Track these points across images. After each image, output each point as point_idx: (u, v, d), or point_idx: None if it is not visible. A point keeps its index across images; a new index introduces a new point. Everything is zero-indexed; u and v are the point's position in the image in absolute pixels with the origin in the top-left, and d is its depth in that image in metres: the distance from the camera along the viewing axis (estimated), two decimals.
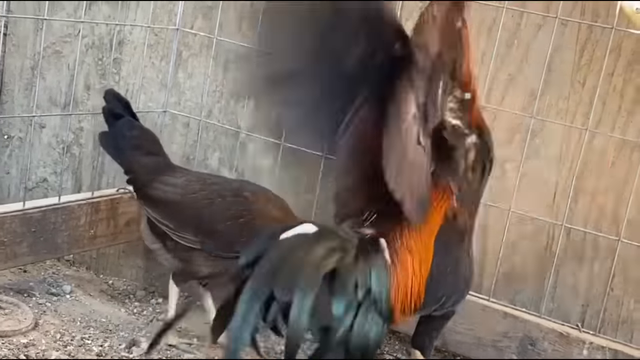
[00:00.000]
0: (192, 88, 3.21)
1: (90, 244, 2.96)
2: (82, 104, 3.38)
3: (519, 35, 2.71)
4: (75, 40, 3.32)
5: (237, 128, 3.11)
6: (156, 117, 3.24)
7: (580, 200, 2.69)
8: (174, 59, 3.19)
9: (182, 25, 3.16)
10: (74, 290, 3.09)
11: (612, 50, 2.55)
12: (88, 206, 2.91)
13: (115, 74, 3.31)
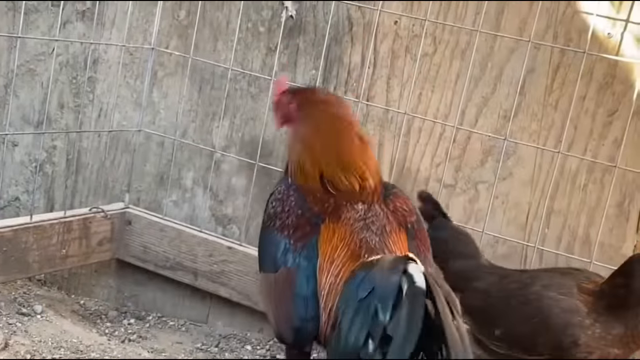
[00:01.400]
0: (167, 107, 3.21)
1: (62, 263, 2.94)
2: (56, 122, 3.36)
3: (493, 58, 2.74)
4: (50, 59, 3.30)
5: (212, 148, 3.11)
6: (130, 136, 3.23)
7: (553, 222, 2.71)
8: (148, 78, 3.18)
9: (157, 44, 3.16)
10: (45, 311, 3.05)
11: (584, 74, 2.58)
12: (60, 225, 2.89)
13: (90, 93, 3.30)
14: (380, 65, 2.89)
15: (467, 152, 2.80)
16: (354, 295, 1.81)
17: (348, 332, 1.77)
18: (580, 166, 2.67)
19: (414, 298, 1.72)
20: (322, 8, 2.95)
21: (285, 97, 2.30)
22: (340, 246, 2.05)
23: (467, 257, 2.46)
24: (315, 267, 2.02)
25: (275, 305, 2.09)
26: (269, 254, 2.11)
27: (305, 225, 2.10)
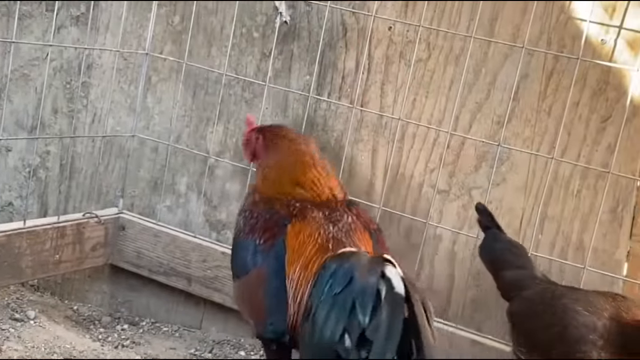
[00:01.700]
0: (161, 112, 3.21)
1: (55, 268, 2.93)
2: (49, 127, 3.36)
3: (486, 64, 2.75)
4: (43, 64, 3.30)
5: (206, 153, 3.11)
6: (124, 142, 3.23)
7: (546, 228, 2.71)
8: (142, 83, 3.18)
9: (151, 50, 3.16)
10: (38, 316, 3.05)
11: (577, 80, 2.59)
12: (53, 230, 2.88)
13: (84, 98, 3.29)
14: (374, 71, 2.89)
15: (461, 158, 2.80)
16: (328, 288, 1.88)
17: (324, 325, 1.83)
18: (574, 172, 2.67)
19: (393, 305, 1.79)
20: (317, 14, 2.95)
21: (253, 134, 2.50)
22: (307, 241, 2.16)
23: (520, 267, 2.47)
24: (283, 265, 2.13)
25: (250, 305, 2.21)
26: (240, 259, 2.25)
27: (272, 227, 2.23)
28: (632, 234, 2.63)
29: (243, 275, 2.23)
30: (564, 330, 2.18)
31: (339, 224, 2.23)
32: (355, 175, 2.94)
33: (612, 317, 2.16)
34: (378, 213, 2.80)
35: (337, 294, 1.86)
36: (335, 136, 2.96)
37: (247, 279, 2.22)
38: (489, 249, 2.54)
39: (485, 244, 2.56)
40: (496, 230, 2.55)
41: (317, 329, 1.85)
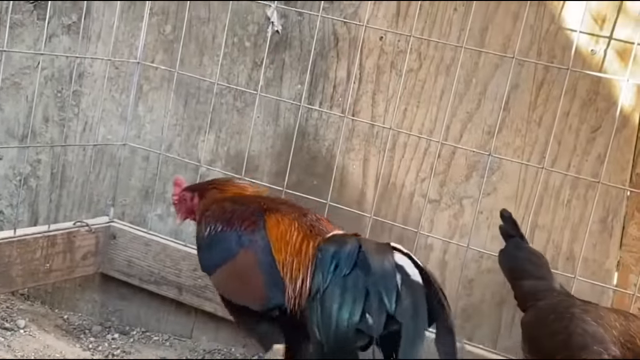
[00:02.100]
0: (153, 121, 3.21)
1: (46, 277, 2.92)
2: (40, 135, 3.35)
3: (477, 74, 2.76)
4: (35, 72, 3.30)
5: (197, 162, 3.11)
6: (115, 150, 3.23)
7: (537, 237, 2.72)
8: (134, 92, 3.18)
9: (143, 58, 3.16)
10: (28, 325, 3.04)
11: (567, 91, 2.60)
12: (44, 239, 2.87)
13: (75, 106, 3.29)
14: (365, 81, 2.90)
15: (451, 168, 2.81)
16: (334, 269, 2.06)
17: (341, 305, 2.01)
18: (564, 182, 2.68)
19: (414, 291, 1.99)
20: (308, 23, 2.96)
21: (185, 194, 2.58)
22: (289, 229, 2.28)
23: (539, 278, 2.46)
24: (269, 246, 2.25)
25: (245, 283, 2.27)
26: (220, 250, 2.32)
27: (249, 216, 2.33)
28: (622, 244, 2.64)
29: (229, 259, 2.29)
30: (568, 338, 2.18)
31: (309, 216, 2.36)
32: (346, 184, 2.94)
33: (622, 334, 2.15)
34: (369, 222, 2.80)
35: (347, 275, 2.04)
36: (327, 145, 2.97)
37: (234, 261, 2.28)
38: (510, 257, 2.52)
39: (506, 251, 2.54)
40: (519, 239, 2.53)
41: (332, 308, 2.01)
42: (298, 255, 2.22)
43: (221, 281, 2.35)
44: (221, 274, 2.33)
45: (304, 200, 2.83)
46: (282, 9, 2.98)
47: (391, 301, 1.98)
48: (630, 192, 2.61)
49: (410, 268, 2.03)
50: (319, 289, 2.07)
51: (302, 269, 2.19)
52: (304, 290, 2.16)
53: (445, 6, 2.77)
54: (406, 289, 2.00)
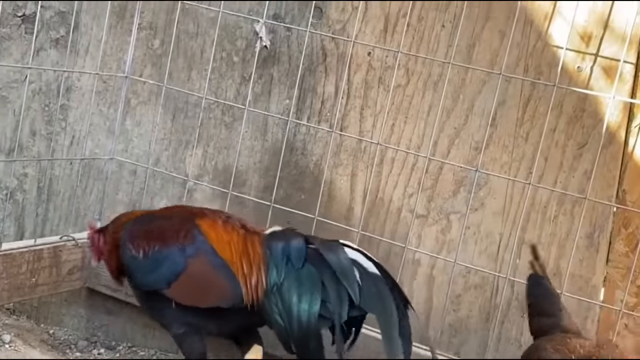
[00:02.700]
0: (140, 135, 3.20)
1: (32, 292, 2.90)
2: (27, 149, 3.34)
3: (464, 90, 2.77)
4: (22, 86, 3.29)
5: (185, 176, 3.10)
6: (103, 164, 3.22)
7: (524, 253, 2.73)
8: (122, 106, 3.18)
9: (131, 72, 3.16)
10: (13, 340, 3.02)
11: (554, 107, 2.62)
12: (30, 253, 2.86)
13: (62, 120, 3.28)
14: (353, 96, 2.91)
15: (439, 183, 2.82)
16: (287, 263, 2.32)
17: (299, 299, 2.27)
18: (551, 198, 2.69)
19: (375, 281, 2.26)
20: (297, 39, 2.97)
21: (94, 235, 2.63)
22: (224, 230, 2.42)
23: (550, 316, 2.44)
24: (213, 248, 2.37)
25: (208, 287, 2.38)
26: (167, 267, 2.39)
27: (181, 227, 2.43)
28: (609, 260, 2.65)
29: (181, 273, 2.37)
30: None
31: (230, 216, 2.51)
32: (334, 199, 2.95)
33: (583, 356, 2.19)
34: (357, 237, 2.80)
35: (300, 269, 2.31)
36: (315, 160, 2.97)
37: (187, 272, 2.37)
38: (529, 292, 2.51)
39: (527, 286, 2.52)
40: (539, 276, 2.50)
41: (292, 301, 2.28)
42: (245, 253, 2.37)
43: (181, 293, 2.40)
44: (178, 287, 2.39)
45: (292, 215, 2.84)
46: (271, 24, 2.98)
47: (355, 293, 2.24)
48: (617, 208, 2.62)
49: (365, 261, 2.29)
50: (276, 283, 2.31)
51: (253, 265, 2.35)
52: (259, 285, 2.33)
53: (433, 23, 2.78)
54: (366, 280, 2.26)
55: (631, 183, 2.61)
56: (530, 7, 2.67)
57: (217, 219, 2.47)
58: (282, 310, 2.30)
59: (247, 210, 3.04)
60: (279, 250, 2.36)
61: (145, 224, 2.51)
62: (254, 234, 2.44)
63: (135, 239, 2.45)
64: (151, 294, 2.44)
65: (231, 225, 2.45)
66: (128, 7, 3.17)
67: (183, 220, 2.46)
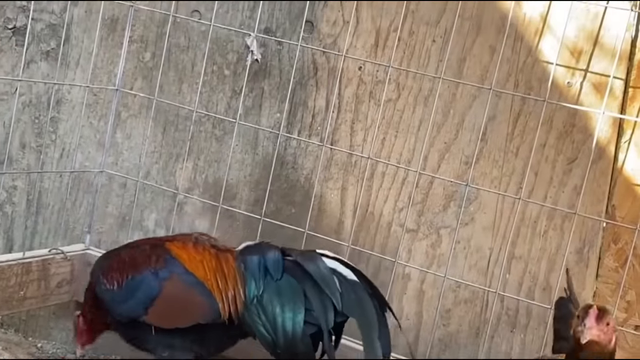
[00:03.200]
0: (130, 148, 3.19)
1: (20, 305, 2.89)
2: (17, 162, 3.33)
3: (455, 105, 2.78)
4: (12, 99, 3.28)
5: (175, 189, 3.10)
6: (92, 177, 3.21)
7: (514, 267, 2.73)
8: (112, 119, 3.17)
9: (121, 85, 3.16)
10: (1, 353, 3.00)
11: (544, 122, 2.63)
12: (19, 266, 2.84)
13: (52, 133, 3.27)
14: (344, 110, 2.91)
15: (429, 197, 2.82)
16: (266, 275, 2.38)
17: (282, 310, 2.33)
18: (541, 212, 2.70)
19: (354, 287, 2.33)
20: (288, 52, 2.97)
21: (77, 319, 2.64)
22: (196, 250, 2.47)
23: (566, 339, 2.37)
24: (186, 268, 2.42)
25: (187, 306, 2.42)
26: (143, 293, 2.42)
27: (152, 253, 2.47)
28: (598, 275, 2.66)
29: (157, 297, 2.41)
30: None
31: (198, 237, 2.55)
32: (324, 213, 2.94)
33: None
34: (347, 251, 2.80)
35: (279, 280, 2.37)
36: (305, 174, 2.97)
37: (163, 295, 2.41)
38: (555, 315, 2.50)
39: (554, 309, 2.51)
40: (565, 299, 2.47)
41: (275, 312, 2.33)
42: (218, 269, 2.42)
43: (159, 316, 2.43)
44: (156, 311, 2.42)
45: (282, 229, 2.83)
46: (262, 38, 2.99)
47: (337, 300, 2.31)
48: (606, 223, 2.63)
49: (343, 269, 2.37)
50: (255, 295, 2.37)
51: (228, 280, 2.40)
52: (238, 298, 2.38)
53: (424, 37, 2.79)
54: (346, 287, 2.33)
55: (621, 198, 2.62)
56: (520, 23, 2.68)
57: (187, 242, 2.51)
58: (265, 322, 2.35)
59: (237, 223, 3.04)
60: (255, 262, 2.41)
61: (114, 256, 2.55)
62: (226, 251, 2.48)
63: (108, 272, 2.49)
64: (131, 324, 2.46)
65: (202, 246, 2.50)
66: (119, 20, 3.18)
67: (153, 247, 2.51)
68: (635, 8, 2.53)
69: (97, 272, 2.53)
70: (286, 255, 2.43)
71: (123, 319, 2.48)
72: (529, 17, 2.67)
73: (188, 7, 3.08)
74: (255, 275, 2.39)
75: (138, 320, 2.43)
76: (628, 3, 2.54)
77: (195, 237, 2.54)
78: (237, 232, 3.03)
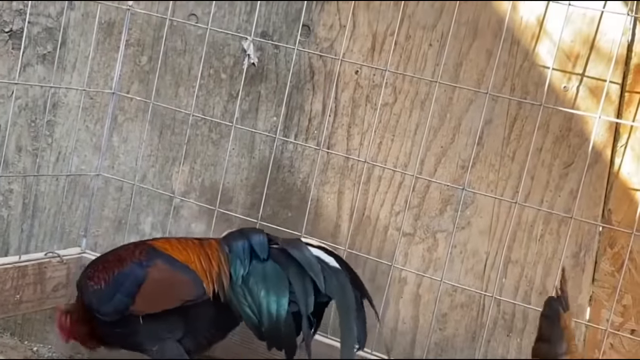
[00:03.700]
0: (127, 152, 3.19)
1: (16, 309, 2.88)
2: (13, 165, 3.33)
3: (451, 109, 2.78)
4: (9, 102, 3.28)
5: (171, 193, 3.10)
6: (89, 181, 3.21)
7: (510, 272, 2.73)
8: (109, 122, 3.17)
9: (118, 89, 3.16)
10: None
11: (540, 126, 2.63)
12: (14, 270, 2.84)
13: (48, 136, 3.27)
14: (341, 114, 2.91)
15: (426, 201, 2.82)
16: (252, 256, 2.45)
17: (267, 293, 2.40)
18: (537, 217, 2.70)
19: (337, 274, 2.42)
20: (284, 56, 2.97)
21: (62, 316, 2.62)
22: (178, 242, 2.54)
23: (547, 341, 2.32)
24: (168, 254, 2.48)
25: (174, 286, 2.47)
26: (128, 284, 2.46)
27: (136, 248, 2.53)
28: (595, 279, 2.66)
29: (142, 283, 2.45)
30: None
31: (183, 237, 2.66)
32: (321, 217, 2.94)
33: None
34: (344, 255, 2.80)
35: (265, 261, 2.44)
36: (302, 178, 2.97)
37: (148, 280, 2.45)
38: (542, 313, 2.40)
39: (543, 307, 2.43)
40: (554, 299, 2.35)
41: (260, 295, 2.40)
42: (203, 254, 2.49)
43: (146, 301, 2.46)
44: (142, 297, 2.45)
45: (279, 232, 2.83)
46: (259, 41, 2.99)
47: (320, 282, 2.39)
48: (602, 227, 2.63)
49: (326, 257, 2.45)
50: (242, 275, 2.44)
51: (212, 261, 2.47)
52: (223, 276, 2.44)
53: (421, 41, 2.80)
54: (328, 273, 2.42)
55: (617, 202, 2.62)
56: (517, 27, 2.68)
57: (169, 239, 2.62)
58: (251, 303, 2.42)
59: (233, 227, 3.03)
60: (239, 244, 2.49)
61: (98, 261, 2.58)
62: (207, 240, 2.58)
63: (94, 274, 2.52)
64: (119, 323, 2.47)
65: (184, 239, 2.59)
66: (116, 24, 3.18)
67: (136, 245, 2.59)
68: (631, 12, 2.53)
69: (83, 280, 2.56)
70: (271, 242, 2.50)
71: (111, 316, 2.48)
72: (525, 21, 2.67)
73: (185, 11, 3.08)
74: (240, 255, 2.47)
75: (126, 315, 2.45)
76: (624, 7, 2.54)
77: (178, 237, 2.64)
78: None
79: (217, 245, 2.52)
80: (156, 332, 2.46)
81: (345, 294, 2.40)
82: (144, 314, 2.45)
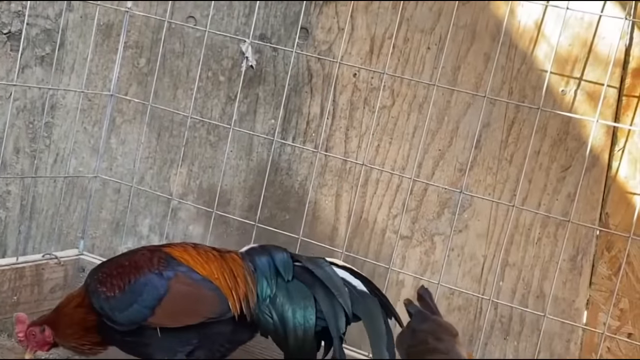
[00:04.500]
0: (125, 154, 3.19)
1: (13, 310, 2.87)
2: (11, 167, 3.32)
3: (449, 112, 2.78)
4: (7, 103, 3.28)
5: (169, 195, 3.10)
6: (86, 182, 3.21)
7: (507, 275, 2.73)
8: (107, 124, 3.17)
9: (116, 91, 3.16)
10: None
11: (538, 130, 2.63)
12: (12, 271, 2.83)
13: (46, 138, 3.27)
14: (339, 117, 2.91)
15: (423, 204, 2.82)
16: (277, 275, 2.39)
17: (294, 314, 2.34)
18: (535, 220, 2.70)
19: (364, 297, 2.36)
20: (282, 59, 2.98)
21: (33, 329, 2.52)
22: (197, 253, 2.44)
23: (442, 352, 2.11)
24: (190, 268, 2.39)
25: (198, 301, 2.38)
26: (148, 294, 2.36)
27: (152, 256, 2.42)
28: (592, 283, 2.66)
29: (164, 296, 2.35)
30: None
31: (199, 244, 2.54)
32: (318, 219, 2.94)
33: None
34: (341, 258, 2.80)
35: (289, 282, 2.38)
36: (300, 180, 2.97)
37: (170, 293, 2.36)
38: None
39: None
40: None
41: (287, 315, 2.35)
42: (225, 269, 2.40)
43: (167, 315, 2.38)
44: (164, 311, 2.37)
45: (276, 235, 2.83)
46: (257, 44, 2.99)
47: (348, 305, 2.33)
48: (600, 231, 2.63)
49: (352, 279, 2.39)
50: (269, 295, 2.38)
51: (238, 278, 2.38)
52: (250, 296, 2.37)
53: (419, 45, 2.80)
54: (355, 296, 2.35)
55: (614, 206, 2.63)
56: (515, 31, 2.69)
57: (186, 246, 2.49)
58: (277, 323, 2.37)
59: (231, 229, 3.04)
60: (264, 262, 2.41)
61: (110, 265, 2.47)
62: (228, 252, 2.47)
63: (107, 280, 2.41)
64: (133, 332, 2.38)
65: (203, 249, 2.48)
66: (114, 26, 3.18)
67: (152, 251, 2.46)
68: (629, 16, 2.54)
69: (93, 284, 2.44)
70: (295, 260, 2.43)
71: (124, 327, 2.39)
72: (523, 24, 2.68)
73: (183, 13, 3.08)
74: (267, 274, 2.40)
75: (140, 324, 2.37)
76: (622, 11, 2.54)
77: (194, 243, 2.53)
78: (231, 238, 3.02)
79: (240, 260, 2.44)
80: (170, 345, 2.38)
81: (374, 320, 2.35)
82: (162, 327, 2.38)
